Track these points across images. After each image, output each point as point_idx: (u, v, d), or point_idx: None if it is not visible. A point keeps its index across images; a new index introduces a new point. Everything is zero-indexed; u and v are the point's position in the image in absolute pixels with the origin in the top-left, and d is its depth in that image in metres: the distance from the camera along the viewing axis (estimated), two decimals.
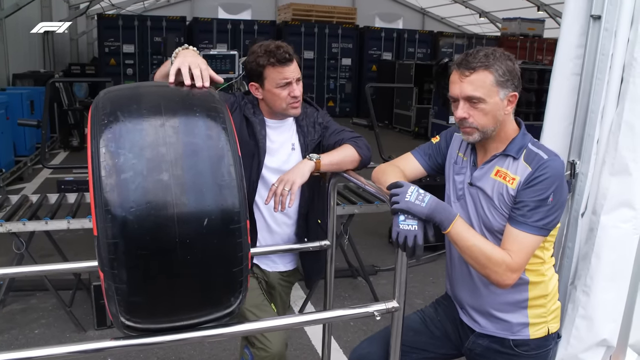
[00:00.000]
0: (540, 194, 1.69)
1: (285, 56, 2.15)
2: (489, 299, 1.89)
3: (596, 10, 2.13)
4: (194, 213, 1.29)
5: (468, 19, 20.25)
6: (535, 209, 1.70)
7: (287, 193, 2.06)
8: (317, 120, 2.35)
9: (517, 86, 1.77)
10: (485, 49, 1.77)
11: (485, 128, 1.77)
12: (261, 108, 2.30)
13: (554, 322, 1.91)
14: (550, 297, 1.88)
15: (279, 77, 2.16)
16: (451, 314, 2.04)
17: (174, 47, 1.79)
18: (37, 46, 14.26)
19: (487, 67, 1.71)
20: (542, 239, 1.73)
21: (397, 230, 1.62)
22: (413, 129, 13.16)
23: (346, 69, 16.75)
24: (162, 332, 1.43)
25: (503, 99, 1.75)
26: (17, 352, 1.38)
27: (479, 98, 1.73)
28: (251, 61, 2.20)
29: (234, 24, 15.80)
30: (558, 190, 1.71)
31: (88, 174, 1.31)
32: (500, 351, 1.90)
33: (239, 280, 1.40)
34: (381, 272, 4.94)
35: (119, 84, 2.04)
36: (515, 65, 1.78)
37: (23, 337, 3.69)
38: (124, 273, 1.27)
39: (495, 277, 1.69)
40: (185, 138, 1.33)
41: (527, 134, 1.83)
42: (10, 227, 3.48)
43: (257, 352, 2.26)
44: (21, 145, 8.45)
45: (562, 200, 1.74)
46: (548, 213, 1.70)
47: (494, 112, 1.75)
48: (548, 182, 1.70)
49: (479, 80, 1.72)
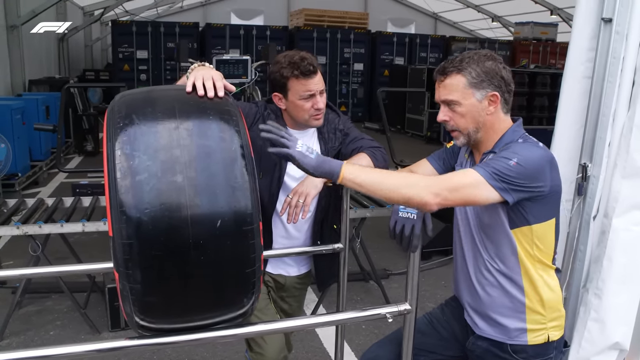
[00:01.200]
0: (502, 156, 1.68)
1: (310, 68, 2.14)
2: (487, 302, 1.88)
3: (607, 13, 2.13)
4: (207, 214, 1.31)
5: (480, 23, 20.20)
6: (492, 160, 1.69)
7: (301, 205, 2.09)
8: (338, 126, 2.35)
9: (497, 86, 1.77)
10: (468, 52, 1.81)
11: (467, 130, 1.81)
12: (284, 118, 2.30)
13: (555, 330, 1.87)
14: (550, 305, 1.84)
15: (302, 89, 2.15)
16: (458, 314, 2.04)
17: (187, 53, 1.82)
18: (53, 52, 14.43)
19: (459, 71, 1.77)
20: (486, 187, 1.63)
21: (395, 219, 1.63)
22: (425, 133, 13.14)
23: (358, 73, 16.76)
24: (175, 332, 1.44)
25: (481, 100, 1.77)
26: (33, 350, 1.40)
27: (454, 101, 1.79)
28: (275, 71, 2.19)
29: (246, 29, 15.88)
30: (526, 161, 1.65)
31: (104, 176, 1.34)
32: (499, 356, 1.88)
33: (251, 282, 1.42)
34: (393, 276, 4.94)
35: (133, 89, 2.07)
36: (498, 65, 1.78)
37: (38, 338, 3.73)
38: (138, 273, 1.29)
39: (414, 197, 1.59)
40: (199, 140, 1.35)
41: (518, 130, 1.82)
42: (27, 229, 3.53)
43: (254, 356, 2.30)
44: (36, 150, 8.55)
45: (529, 172, 1.65)
46: (505, 168, 1.63)
47: (472, 114, 1.78)
48: (511, 151, 1.69)
49: (452, 84, 1.79)
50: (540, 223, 1.77)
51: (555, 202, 1.79)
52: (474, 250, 1.90)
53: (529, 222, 1.75)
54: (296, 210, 2.09)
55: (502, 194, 1.64)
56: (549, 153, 1.77)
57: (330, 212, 2.39)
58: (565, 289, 2.37)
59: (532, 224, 1.75)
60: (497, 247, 1.82)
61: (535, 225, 1.76)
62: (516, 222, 1.76)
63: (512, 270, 1.82)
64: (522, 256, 1.80)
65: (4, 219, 3.69)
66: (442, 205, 1.60)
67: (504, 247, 1.81)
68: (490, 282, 1.87)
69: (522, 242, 1.78)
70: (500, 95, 1.78)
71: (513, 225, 1.77)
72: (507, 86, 1.80)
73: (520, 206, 1.72)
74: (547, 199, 1.73)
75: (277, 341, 2.29)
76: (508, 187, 1.64)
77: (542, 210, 1.75)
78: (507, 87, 1.80)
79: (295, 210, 2.09)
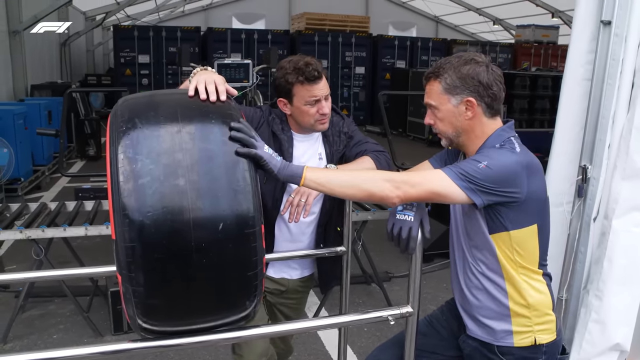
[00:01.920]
0: (473, 158, 1.71)
1: (314, 74, 2.13)
2: (474, 304, 1.89)
3: (606, 15, 2.14)
4: (210, 218, 1.32)
5: (482, 26, 20.23)
6: (462, 162, 1.71)
7: (302, 204, 2.10)
8: (343, 129, 2.35)
9: (473, 91, 1.76)
10: (451, 57, 1.82)
11: (446, 134, 1.84)
12: (289, 122, 2.29)
13: (543, 333, 1.84)
14: (536, 308, 1.83)
15: (307, 95, 2.15)
16: (455, 312, 2.04)
17: (188, 58, 1.83)
18: (55, 57, 14.48)
19: (436, 77, 1.80)
20: (451, 185, 1.65)
21: (393, 221, 1.65)
22: (427, 136, 13.14)
23: (360, 77, 16.77)
24: (178, 334, 1.45)
25: (457, 105, 1.78)
26: (36, 353, 1.41)
27: (432, 105, 1.82)
28: (280, 77, 2.19)
29: (247, 33, 15.90)
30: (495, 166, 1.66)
31: (107, 180, 1.35)
32: (487, 356, 1.89)
33: (253, 284, 1.42)
34: (395, 279, 4.94)
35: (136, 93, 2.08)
36: (477, 69, 1.76)
37: (42, 342, 3.74)
38: (140, 276, 1.30)
39: (375, 191, 1.62)
40: (201, 144, 1.36)
41: (502, 134, 1.79)
42: (30, 233, 3.54)
43: (235, 357, 2.32)
44: (39, 154, 8.57)
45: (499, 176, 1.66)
46: (473, 170, 1.65)
47: (449, 119, 1.80)
48: (484, 155, 1.71)
49: (431, 89, 1.82)
50: (519, 229, 1.75)
51: (535, 209, 1.77)
52: (461, 253, 1.91)
53: (507, 228, 1.75)
54: (298, 210, 2.11)
55: (470, 195, 1.65)
56: (526, 159, 1.73)
57: (334, 215, 2.40)
58: (565, 290, 2.37)
59: (510, 230, 1.75)
60: (480, 252, 1.83)
61: (514, 231, 1.75)
62: (494, 228, 1.76)
63: (495, 274, 1.82)
64: (503, 261, 1.79)
65: (7, 223, 3.70)
66: (404, 199, 1.62)
67: (486, 252, 1.81)
68: (475, 285, 1.88)
69: (502, 248, 1.78)
70: (477, 100, 1.77)
71: (491, 230, 1.77)
72: (486, 90, 1.76)
73: (496, 211, 1.72)
74: (525, 206, 1.72)
75: (258, 345, 2.30)
76: (475, 188, 1.65)
77: (520, 216, 1.74)
78: (487, 92, 1.76)
79: (297, 210, 2.11)
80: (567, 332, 2.36)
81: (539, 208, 1.79)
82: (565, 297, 2.39)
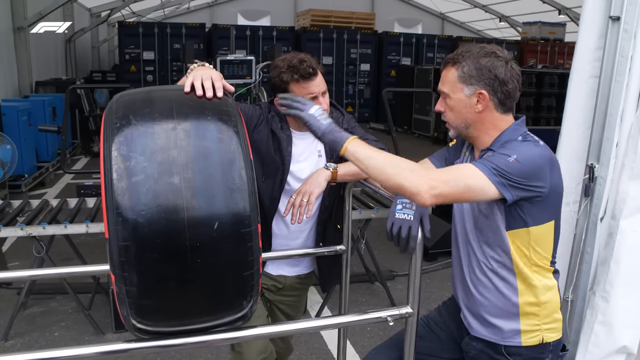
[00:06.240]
0: (502, 152, 1.66)
1: (309, 71, 2.11)
2: (480, 302, 1.86)
3: (615, 11, 2.10)
4: (205, 216, 1.29)
5: (488, 23, 20.12)
6: (491, 157, 1.66)
7: (304, 204, 2.07)
8: (342, 125, 2.31)
9: (488, 84, 1.72)
10: (474, 46, 1.77)
11: (454, 124, 1.80)
12: (288, 121, 2.27)
13: (551, 332, 1.83)
14: (545, 307, 1.81)
15: (304, 93, 2.12)
16: (454, 314, 2.01)
17: (193, 54, 1.81)
18: (60, 54, 14.49)
19: (454, 64, 1.76)
20: (485, 181, 1.59)
21: (392, 220, 1.62)
22: (432, 134, 13.10)
23: (365, 74, 16.73)
24: (178, 334, 1.43)
25: (469, 96, 1.74)
26: (37, 352, 1.39)
27: (445, 93, 1.79)
28: (274, 76, 2.17)
29: (252, 30, 15.88)
30: (525, 159, 1.62)
31: (100, 178, 1.33)
32: (493, 357, 1.85)
33: (250, 284, 1.40)
34: (399, 277, 4.91)
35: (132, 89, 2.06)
36: (495, 63, 1.72)
37: (43, 339, 3.73)
38: (134, 276, 1.28)
39: (407, 185, 1.53)
40: (197, 141, 1.33)
41: (518, 129, 1.77)
42: (31, 230, 3.53)
43: (234, 355, 2.30)
44: (43, 151, 8.59)
45: (528, 170, 1.62)
46: (504, 164, 1.60)
47: (459, 109, 1.77)
48: (511, 149, 1.66)
49: (446, 75, 1.79)
50: (539, 225, 1.73)
51: (555, 204, 1.75)
52: (469, 250, 1.87)
53: (527, 224, 1.72)
54: (300, 210, 2.08)
55: (501, 190, 1.60)
56: (548, 152, 1.72)
57: (333, 212, 2.37)
58: (571, 291, 2.34)
59: (530, 226, 1.72)
60: (492, 248, 1.79)
61: (533, 227, 1.72)
62: (513, 224, 1.72)
63: (507, 271, 1.79)
64: (516, 257, 1.76)
65: (8, 220, 3.69)
66: (436, 198, 1.54)
67: (498, 248, 1.78)
68: (483, 283, 1.84)
69: (518, 244, 1.75)
70: (489, 94, 1.73)
71: (509, 226, 1.73)
72: (501, 86, 1.72)
73: (518, 207, 1.68)
74: (547, 201, 1.70)
75: (257, 342, 2.29)
76: (507, 183, 1.60)
77: (541, 212, 1.71)
78: (501, 88, 1.73)
79: (300, 210, 2.08)
80: (572, 334, 2.32)
81: (557, 203, 1.77)
82: (571, 298, 2.36)
